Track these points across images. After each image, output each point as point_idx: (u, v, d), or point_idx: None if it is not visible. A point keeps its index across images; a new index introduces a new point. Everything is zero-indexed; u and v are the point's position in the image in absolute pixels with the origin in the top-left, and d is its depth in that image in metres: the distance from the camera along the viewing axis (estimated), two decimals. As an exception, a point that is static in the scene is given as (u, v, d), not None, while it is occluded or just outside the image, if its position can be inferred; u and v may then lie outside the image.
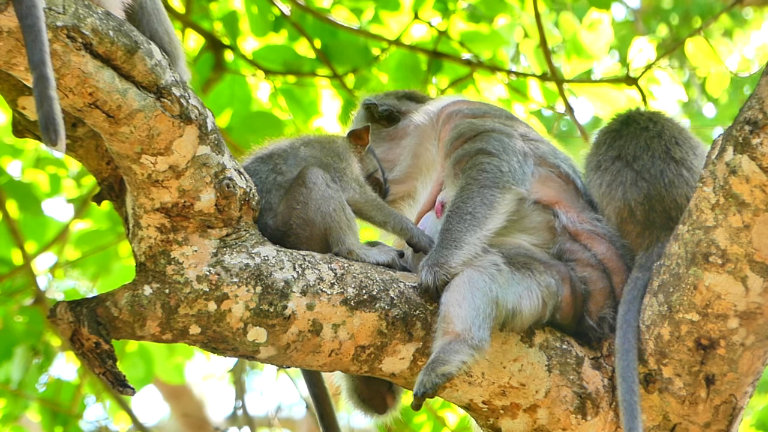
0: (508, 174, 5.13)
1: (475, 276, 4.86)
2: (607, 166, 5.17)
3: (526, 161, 5.23)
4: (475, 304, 4.79)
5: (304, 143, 5.21)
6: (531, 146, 5.30)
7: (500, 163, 5.15)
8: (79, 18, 4.45)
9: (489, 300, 4.82)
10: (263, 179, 5.04)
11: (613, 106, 8.79)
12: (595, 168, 5.21)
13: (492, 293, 4.84)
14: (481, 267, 4.90)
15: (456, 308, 4.79)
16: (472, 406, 4.99)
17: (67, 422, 9.33)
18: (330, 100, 9.60)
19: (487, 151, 5.19)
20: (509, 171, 5.14)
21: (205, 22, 9.38)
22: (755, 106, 4.57)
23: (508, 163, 5.16)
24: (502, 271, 4.91)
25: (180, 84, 4.70)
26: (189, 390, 13.89)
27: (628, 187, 5.09)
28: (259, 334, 4.81)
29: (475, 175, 5.11)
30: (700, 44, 8.67)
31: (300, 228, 4.98)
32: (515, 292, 4.89)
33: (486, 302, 4.81)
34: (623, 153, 5.16)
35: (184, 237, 4.79)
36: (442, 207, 5.21)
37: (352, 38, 9.16)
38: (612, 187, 5.12)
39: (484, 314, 4.79)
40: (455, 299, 4.81)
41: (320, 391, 5.28)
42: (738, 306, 4.72)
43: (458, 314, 4.78)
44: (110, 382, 4.82)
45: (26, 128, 4.97)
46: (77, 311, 4.74)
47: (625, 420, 4.74)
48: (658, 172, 5.08)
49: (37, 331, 9.05)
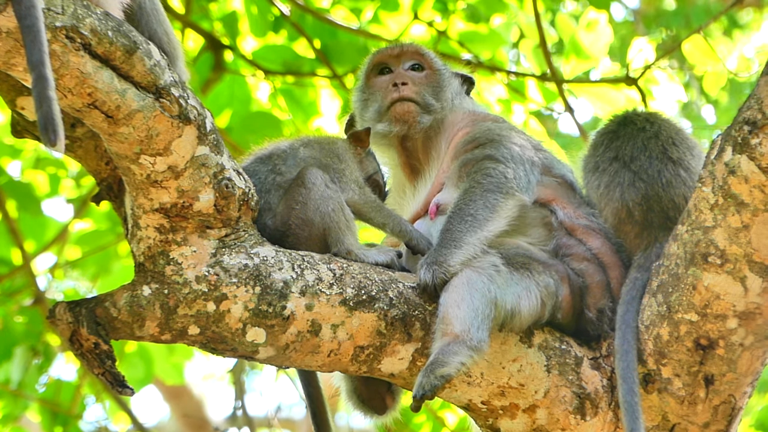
0: (513, 181, 5.14)
1: (474, 277, 4.86)
2: (605, 167, 5.17)
3: (533, 170, 5.25)
4: (473, 305, 4.79)
5: (304, 144, 5.22)
6: (540, 156, 5.32)
7: (506, 169, 5.16)
8: (78, 18, 4.44)
9: (488, 301, 4.82)
10: (262, 179, 5.04)
11: (612, 106, 8.80)
12: (593, 169, 5.21)
13: (491, 294, 4.84)
14: (480, 268, 4.90)
15: (455, 309, 4.79)
16: (471, 407, 4.99)
17: (66, 423, 9.34)
18: (329, 101, 9.61)
19: (495, 157, 5.19)
20: (514, 178, 5.15)
21: (204, 23, 9.38)
22: (754, 107, 4.57)
23: (514, 171, 5.17)
24: (500, 272, 4.91)
25: (179, 84, 4.70)
26: (189, 390, 13.89)
27: (625, 187, 5.09)
28: (258, 335, 4.81)
29: (480, 179, 5.12)
30: (697, 43, 8.68)
31: (299, 228, 4.98)
32: (514, 293, 4.89)
33: (485, 303, 4.81)
34: (620, 154, 5.16)
35: (183, 237, 4.79)
36: (437, 209, 5.21)
37: (352, 38, 9.16)
38: (610, 188, 5.13)
39: (483, 315, 4.79)
40: (454, 300, 4.81)
41: (315, 390, 5.29)
42: (737, 306, 4.72)
43: (457, 315, 4.78)
44: (109, 382, 4.82)
45: (25, 128, 4.97)
46: (76, 312, 4.74)
47: (626, 421, 4.74)
48: (656, 173, 5.08)
49: (37, 331, 9.05)
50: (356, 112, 5.60)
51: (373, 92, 5.51)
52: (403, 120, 5.41)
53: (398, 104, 5.42)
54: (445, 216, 5.10)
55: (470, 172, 5.17)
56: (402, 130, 5.42)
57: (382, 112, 5.44)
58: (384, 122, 5.43)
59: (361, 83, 5.60)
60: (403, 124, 5.42)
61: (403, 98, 5.42)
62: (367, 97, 5.53)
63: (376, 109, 5.46)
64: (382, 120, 5.43)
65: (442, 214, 5.15)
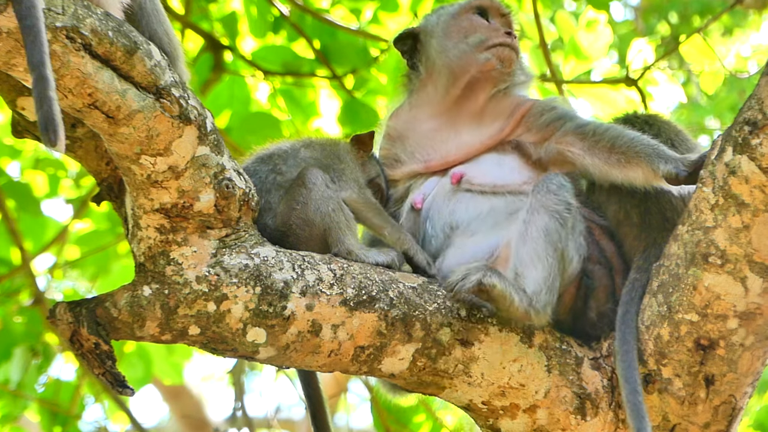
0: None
1: (551, 226, 4.89)
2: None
3: None
4: (548, 264, 4.87)
5: (305, 145, 5.22)
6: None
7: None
8: (79, 18, 4.44)
9: (559, 255, 4.89)
10: (263, 179, 5.05)
11: (612, 107, 8.80)
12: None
13: (561, 244, 4.90)
14: (555, 210, 4.92)
15: (531, 270, 4.86)
16: (472, 407, 4.99)
17: (66, 423, 9.34)
18: (329, 101, 9.61)
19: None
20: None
21: (204, 23, 9.39)
22: (755, 107, 4.57)
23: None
24: (571, 212, 4.96)
25: (179, 84, 4.70)
26: (188, 391, 13.90)
27: (624, 189, 5.09)
28: (258, 335, 4.81)
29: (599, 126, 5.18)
30: (695, 41, 8.68)
31: (299, 228, 4.98)
32: (574, 246, 4.96)
33: (557, 259, 4.89)
34: (620, 155, 5.16)
35: (183, 237, 4.79)
36: (460, 178, 5.20)
37: (352, 39, 9.16)
38: (609, 189, 5.13)
39: (554, 274, 4.88)
40: (530, 257, 4.88)
41: (314, 391, 5.29)
42: (737, 306, 4.72)
43: (532, 276, 4.85)
44: (109, 382, 4.82)
45: (26, 129, 4.97)
46: (77, 312, 4.74)
47: (632, 421, 4.73)
48: (654, 174, 5.08)
49: (37, 331, 9.05)
50: (432, 32, 5.48)
51: (473, 26, 5.43)
52: (505, 63, 5.37)
53: (506, 48, 5.37)
54: (464, 193, 5.14)
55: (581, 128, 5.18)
56: (497, 70, 5.36)
57: (486, 45, 5.37)
58: (485, 54, 5.36)
59: (453, 11, 5.49)
60: (502, 66, 5.37)
61: (512, 46, 5.39)
62: (464, 27, 5.43)
63: (478, 40, 5.37)
64: (483, 52, 5.37)
65: (462, 185, 5.17)
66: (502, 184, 5.19)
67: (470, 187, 5.20)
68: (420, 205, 5.25)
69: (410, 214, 5.27)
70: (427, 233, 5.21)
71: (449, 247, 5.14)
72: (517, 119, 5.32)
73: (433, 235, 5.20)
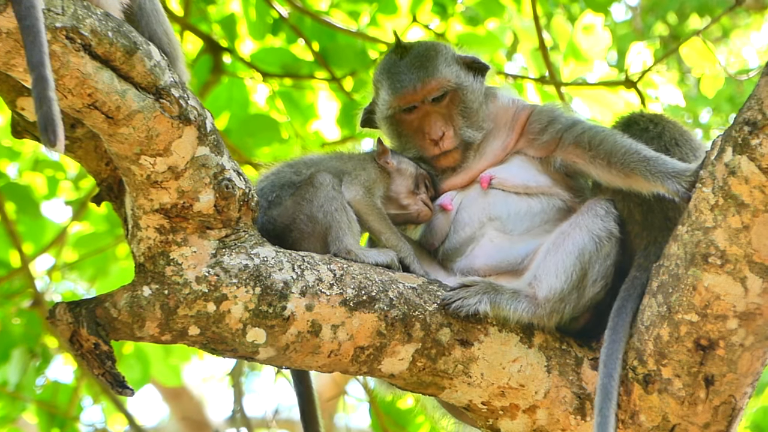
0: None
1: (588, 246, 4.94)
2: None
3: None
4: (571, 279, 4.91)
5: (336, 157, 5.30)
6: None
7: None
8: (78, 19, 4.44)
9: (584, 273, 4.93)
10: (282, 177, 5.12)
11: (610, 109, 8.80)
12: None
13: (589, 265, 4.94)
14: (597, 234, 4.97)
15: (552, 278, 4.90)
16: (472, 407, 4.99)
17: (64, 424, 9.33)
18: (328, 103, 9.61)
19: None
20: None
21: (203, 25, 9.39)
22: (754, 107, 4.57)
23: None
24: (611, 241, 5.00)
25: (179, 85, 4.70)
26: (188, 392, 13.91)
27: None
28: (258, 335, 4.81)
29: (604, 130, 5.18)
30: (694, 44, 8.68)
31: (303, 223, 5.02)
32: (600, 270, 4.99)
33: (581, 275, 4.92)
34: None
35: (183, 238, 4.79)
36: (490, 180, 5.19)
37: (350, 41, 9.17)
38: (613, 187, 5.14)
39: (572, 286, 4.91)
40: (555, 267, 4.92)
41: (306, 389, 5.30)
42: (737, 307, 4.72)
43: (549, 284, 4.90)
44: (109, 383, 4.81)
45: (25, 129, 4.97)
46: (76, 312, 4.74)
47: (597, 401, 4.75)
48: (657, 173, 5.08)
49: (35, 333, 9.05)
50: (387, 137, 5.40)
51: (408, 134, 5.33)
52: (452, 166, 5.32)
53: (442, 158, 5.29)
54: (499, 191, 5.16)
55: (582, 136, 5.16)
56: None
57: (427, 160, 5.31)
58: (431, 165, 5.32)
59: (388, 114, 5.33)
60: (454, 165, 5.32)
61: (445, 152, 5.29)
62: (403, 135, 5.34)
63: (418, 155, 5.32)
64: (429, 164, 5.32)
65: (492, 188, 5.18)
66: (534, 185, 5.20)
67: (503, 188, 5.21)
68: (450, 207, 5.23)
69: (440, 215, 5.25)
70: (460, 221, 5.20)
71: (482, 237, 5.15)
72: (519, 132, 5.31)
73: (467, 222, 5.19)
